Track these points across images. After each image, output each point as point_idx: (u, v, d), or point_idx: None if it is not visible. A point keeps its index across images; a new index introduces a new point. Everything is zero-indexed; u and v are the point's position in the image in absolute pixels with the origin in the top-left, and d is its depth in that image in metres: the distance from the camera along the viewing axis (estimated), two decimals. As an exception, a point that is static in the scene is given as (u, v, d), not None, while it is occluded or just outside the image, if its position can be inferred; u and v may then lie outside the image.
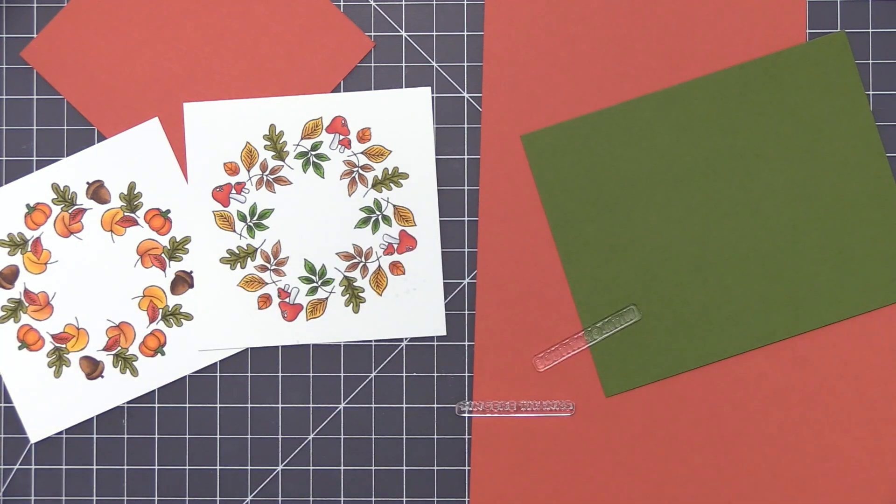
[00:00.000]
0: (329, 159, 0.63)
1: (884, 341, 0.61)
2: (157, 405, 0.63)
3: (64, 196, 0.63)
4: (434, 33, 0.63)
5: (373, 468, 0.63)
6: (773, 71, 0.62)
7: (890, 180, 0.61)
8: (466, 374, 0.63)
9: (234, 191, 0.63)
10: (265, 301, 0.63)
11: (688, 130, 0.62)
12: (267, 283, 0.63)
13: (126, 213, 0.63)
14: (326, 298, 0.63)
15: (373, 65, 0.63)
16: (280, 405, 0.63)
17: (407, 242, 0.63)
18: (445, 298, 0.63)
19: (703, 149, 0.62)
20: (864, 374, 0.61)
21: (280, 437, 0.63)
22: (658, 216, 0.62)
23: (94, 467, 0.63)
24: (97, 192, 0.63)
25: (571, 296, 0.62)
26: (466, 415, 0.62)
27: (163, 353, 0.63)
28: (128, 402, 0.63)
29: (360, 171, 0.63)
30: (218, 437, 0.63)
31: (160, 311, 0.63)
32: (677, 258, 0.62)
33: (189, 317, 0.63)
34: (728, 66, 0.62)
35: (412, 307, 0.62)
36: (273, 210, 0.63)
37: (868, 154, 0.61)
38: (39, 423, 0.63)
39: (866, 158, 0.61)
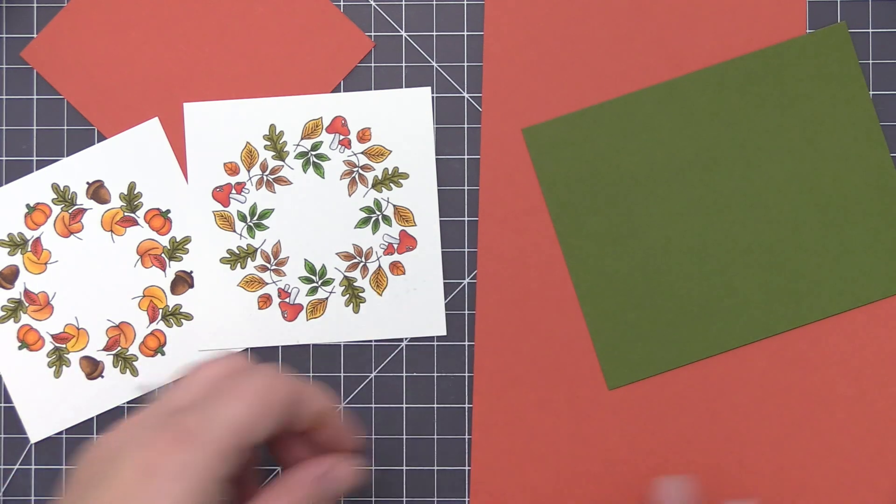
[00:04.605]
0: (329, 159, 0.63)
1: (884, 341, 0.61)
2: (157, 405, 0.63)
3: (64, 196, 0.63)
4: (434, 33, 0.63)
5: (373, 468, 0.63)
6: (773, 63, 0.62)
7: (891, 171, 0.61)
8: (466, 374, 0.63)
9: (234, 191, 0.63)
10: (265, 301, 0.63)
11: (689, 123, 0.62)
12: (267, 283, 0.63)
13: (126, 213, 0.63)
14: (326, 298, 0.63)
15: (373, 65, 0.63)
16: (280, 405, 0.63)
17: (407, 242, 0.63)
18: (445, 298, 0.63)
19: (705, 141, 0.62)
20: (865, 374, 0.61)
21: (280, 437, 0.63)
22: (660, 208, 0.62)
23: (94, 467, 0.63)
24: (97, 192, 0.63)
25: (572, 294, 0.62)
26: None
27: (163, 353, 0.63)
28: (128, 402, 0.63)
29: (361, 171, 0.63)
30: (218, 437, 0.63)
31: (160, 311, 0.63)
32: (680, 250, 0.62)
33: (189, 317, 0.63)
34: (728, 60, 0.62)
35: (412, 307, 0.62)
36: (273, 210, 0.63)
37: (869, 145, 0.61)
38: (39, 423, 0.63)
39: (868, 149, 0.61)
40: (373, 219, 0.63)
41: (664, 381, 0.62)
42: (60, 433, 0.63)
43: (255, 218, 0.63)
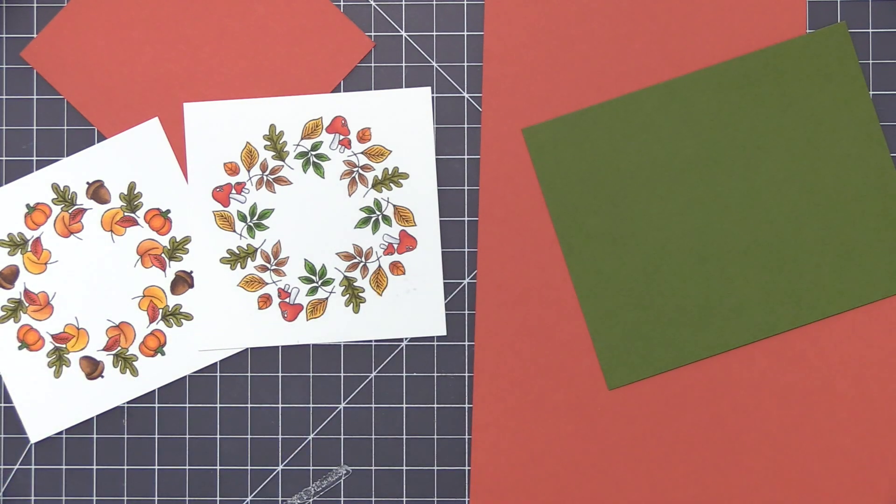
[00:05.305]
0: (329, 159, 0.63)
1: (884, 341, 0.61)
2: (157, 405, 0.63)
3: (64, 196, 0.63)
4: (434, 33, 0.63)
5: (373, 468, 0.63)
6: (773, 62, 0.62)
7: (891, 170, 0.61)
8: (466, 374, 0.63)
9: (234, 191, 0.63)
10: (265, 301, 0.63)
11: (689, 123, 0.62)
12: (267, 283, 0.63)
13: (126, 213, 0.63)
14: (326, 298, 0.63)
15: (373, 65, 0.63)
16: (280, 405, 0.63)
17: (407, 242, 0.63)
18: (445, 298, 0.63)
19: (705, 141, 0.62)
20: (865, 374, 0.61)
21: (280, 437, 0.63)
22: (660, 208, 0.62)
23: (94, 467, 0.63)
24: (97, 192, 0.63)
25: (572, 293, 0.62)
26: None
27: (163, 353, 0.63)
28: (128, 402, 0.63)
29: (360, 171, 0.63)
30: (218, 437, 0.63)
31: (160, 311, 0.63)
32: (680, 250, 0.62)
33: (189, 317, 0.63)
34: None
35: (412, 307, 0.62)
36: (273, 210, 0.63)
37: (869, 144, 0.61)
38: (39, 423, 0.63)
39: (867, 149, 0.61)
40: (373, 219, 0.63)
41: (664, 381, 0.62)
42: (60, 433, 0.63)
43: (255, 218, 0.63)
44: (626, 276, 0.62)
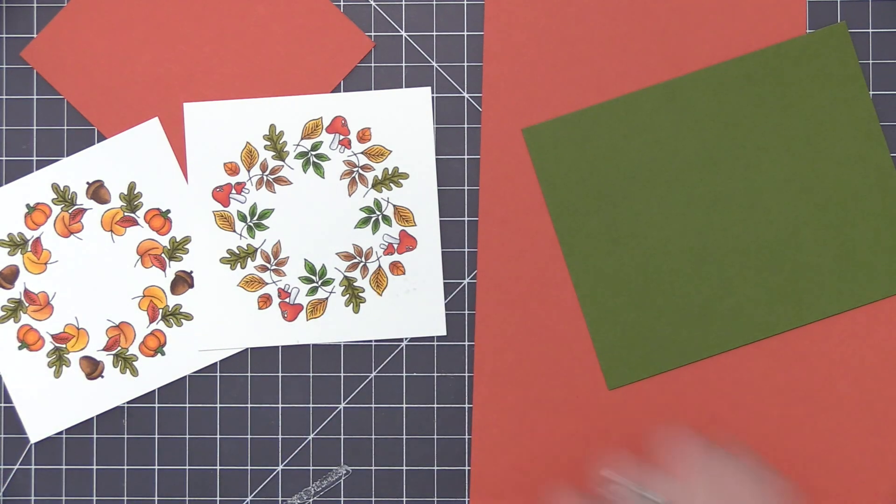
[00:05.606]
0: (329, 159, 0.63)
1: (884, 341, 0.61)
2: (157, 405, 0.63)
3: (64, 196, 0.63)
4: (434, 33, 0.63)
5: (373, 468, 0.63)
6: (774, 62, 0.62)
7: (891, 171, 0.61)
8: (466, 374, 0.63)
9: (234, 191, 0.63)
10: (265, 301, 0.63)
11: (689, 123, 0.62)
12: (267, 283, 0.63)
13: (126, 213, 0.63)
14: (326, 298, 0.63)
15: (373, 65, 0.63)
16: (280, 405, 0.63)
17: (407, 242, 0.63)
18: (445, 298, 0.63)
19: (705, 141, 0.62)
20: (865, 374, 0.61)
21: (280, 437, 0.63)
22: (660, 208, 0.62)
23: (94, 467, 0.63)
24: (97, 192, 0.63)
25: (572, 294, 0.62)
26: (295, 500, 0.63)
27: (163, 353, 0.63)
28: (128, 402, 0.63)
29: (360, 171, 0.63)
30: (218, 437, 0.63)
31: (160, 311, 0.63)
32: (680, 250, 0.62)
33: (189, 317, 0.63)
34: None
35: (412, 307, 0.62)
36: (273, 210, 0.63)
37: (869, 144, 0.61)
38: (39, 423, 0.63)
39: (867, 149, 0.61)
40: (373, 219, 0.63)
41: (664, 381, 0.62)
42: (60, 433, 0.63)
43: (255, 218, 0.63)
44: (626, 276, 0.62)
